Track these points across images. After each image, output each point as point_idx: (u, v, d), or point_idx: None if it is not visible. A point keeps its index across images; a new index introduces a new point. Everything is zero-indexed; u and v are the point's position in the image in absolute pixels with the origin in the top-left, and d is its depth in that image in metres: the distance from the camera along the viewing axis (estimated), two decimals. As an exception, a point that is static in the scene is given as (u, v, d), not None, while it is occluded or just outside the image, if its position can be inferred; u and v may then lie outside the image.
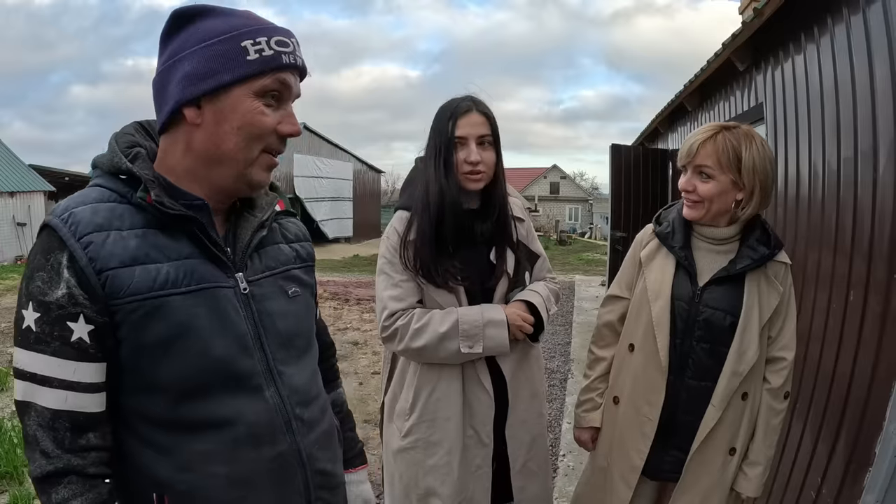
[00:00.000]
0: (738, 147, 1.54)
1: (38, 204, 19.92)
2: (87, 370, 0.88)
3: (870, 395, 1.90)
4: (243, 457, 0.96)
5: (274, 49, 0.93)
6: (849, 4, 2.19)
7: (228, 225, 1.03)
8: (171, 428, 0.93)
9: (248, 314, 0.99)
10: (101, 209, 0.90)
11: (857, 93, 2.12)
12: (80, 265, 0.86)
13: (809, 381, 2.34)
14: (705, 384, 1.62)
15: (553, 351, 6.47)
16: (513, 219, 1.84)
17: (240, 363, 0.96)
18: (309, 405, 1.06)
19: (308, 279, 1.15)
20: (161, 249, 0.92)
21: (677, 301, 1.65)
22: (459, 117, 1.71)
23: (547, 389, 5.08)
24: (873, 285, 1.96)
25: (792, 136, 2.76)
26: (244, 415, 0.96)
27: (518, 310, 1.77)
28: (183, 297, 0.91)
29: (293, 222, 1.19)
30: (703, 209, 1.60)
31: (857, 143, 2.11)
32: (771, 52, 3.09)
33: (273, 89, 0.94)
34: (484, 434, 1.80)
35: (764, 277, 1.62)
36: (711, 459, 1.63)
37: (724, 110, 4.21)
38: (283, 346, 1.04)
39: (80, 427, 0.88)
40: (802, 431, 2.35)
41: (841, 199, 2.23)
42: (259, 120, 0.93)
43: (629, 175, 7.41)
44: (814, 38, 2.52)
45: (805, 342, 2.41)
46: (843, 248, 2.19)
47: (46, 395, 0.87)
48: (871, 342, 1.93)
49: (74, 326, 0.87)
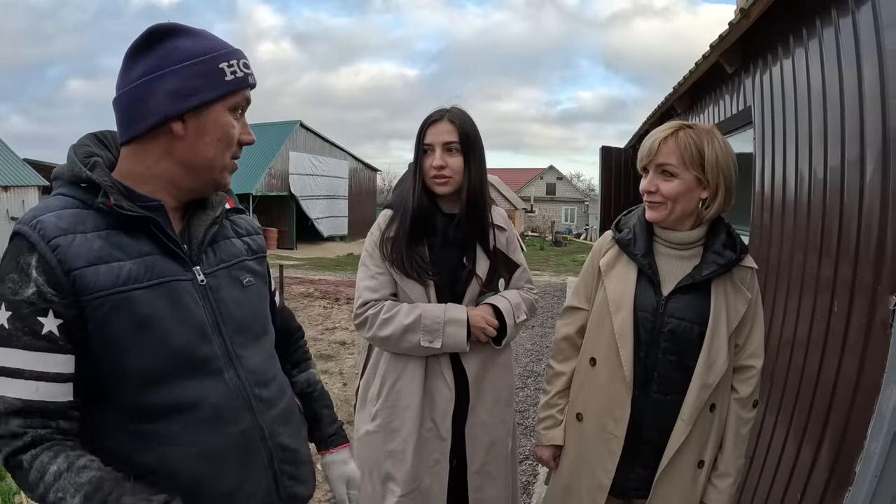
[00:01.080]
0: (699, 143, 1.49)
1: (32, 198, 19.83)
2: (55, 361, 0.94)
3: (853, 405, 1.86)
4: (210, 435, 1.04)
5: (243, 71, 1.08)
6: (837, 6, 2.14)
7: (184, 223, 1.12)
8: (141, 413, 1.00)
9: (206, 304, 1.08)
10: (65, 215, 0.98)
11: (845, 97, 2.08)
12: (50, 266, 0.93)
13: (793, 387, 2.30)
14: (672, 397, 1.56)
15: (541, 353, 6.43)
16: (493, 227, 1.93)
17: (200, 349, 1.04)
18: (267, 385, 1.16)
19: (260, 269, 1.25)
20: (122, 248, 1.00)
21: (640, 312, 1.58)
22: (429, 126, 1.86)
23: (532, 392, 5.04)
24: (859, 291, 1.92)
25: (780, 141, 2.72)
26: (208, 397, 1.04)
27: (483, 312, 1.85)
28: (145, 292, 0.99)
29: (243, 218, 1.29)
30: (667, 210, 1.53)
31: (845, 148, 2.07)
32: (759, 55, 3.05)
33: (240, 107, 1.09)
34: (443, 428, 1.86)
35: (730, 284, 1.56)
36: (681, 474, 1.58)
37: (713, 114, 4.17)
38: (240, 332, 1.12)
39: (49, 414, 0.94)
40: (784, 443, 2.31)
41: (827, 205, 2.19)
42: (231, 132, 1.08)
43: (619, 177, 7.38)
44: (802, 40, 2.48)
45: (790, 347, 2.37)
46: (828, 253, 2.14)
47: (16, 387, 0.93)
48: (855, 349, 1.89)
49: (44, 321, 0.93)
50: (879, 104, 1.84)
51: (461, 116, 1.86)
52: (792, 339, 2.37)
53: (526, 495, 3.28)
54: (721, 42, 3.24)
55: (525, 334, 7.46)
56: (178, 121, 1.02)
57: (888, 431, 1.65)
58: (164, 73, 1.01)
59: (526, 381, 5.39)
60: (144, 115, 1.02)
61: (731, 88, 3.66)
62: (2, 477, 3.39)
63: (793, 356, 2.35)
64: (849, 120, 2.04)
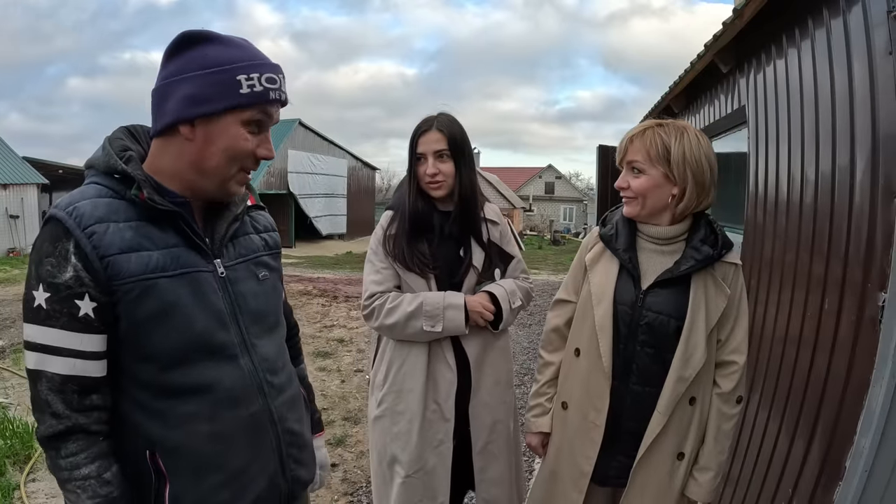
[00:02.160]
0: (667, 140, 1.53)
1: (31, 196, 19.83)
2: (91, 341, 1.03)
3: (843, 400, 1.88)
4: (223, 416, 1.11)
5: (263, 86, 1.08)
6: (829, 5, 2.16)
7: (207, 219, 1.19)
8: (161, 392, 1.07)
9: (225, 294, 1.15)
10: (100, 204, 1.05)
11: (836, 97, 2.09)
12: (85, 252, 1.00)
13: (785, 384, 2.32)
14: (650, 389, 1.59)
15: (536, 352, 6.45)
16: (486, 221, 2.08)
17: (218, 336, 1.12)
18: (277, 373, 1.23)
19: (275, 264, 1.32)
20: (151, 239, 1.07)
21: (620, 305, 1.62)
22: (419, 136, 2.00)
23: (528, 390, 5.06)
24: (849, 289, 1.94)
25: (773, 140, 2.74)
26: (223, 380, 1.11)
27: (480, 299, 1.99)
28: (170, 280, 1.06)
29: (262, 215, 1.35)
30: (638, 205, 1.59)
31: (836, 148, 2.09)
32: (753, 55, 3.06)
33: (257, 121, 1.10)
34: (446, 409, 1.98)
35: (711, 279, 1.59)
36: (658, 465, 1.61)
37: (708, 113, 4.18)
38: (255, 322, 1.20)
39: (86, 389, 1.04)
40: (776, 439, 2.33)
41: (819, 204, 2.21)
42: (241, 145, 1.09)
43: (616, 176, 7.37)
44: (794, 40, 2.49)
45: (782, 344, 2.39)
46: (820, 251, 2.16)
47: (57, 363, 1.01)
48: (846, 345, 1.91)
49: (81, 304, 1.01)
50: (869, 104, 1.86)
51: (449, 124, 2.00)
52: (784, 336, 2.39)
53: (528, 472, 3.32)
54: (715, 42, 3.25)
55: (522, 332, 7.49)
56: (188, 125, 1.07)
57: (877, 427, 1.67)
58: (185, 77, 1.06)
59: (523, 379, 5.41)
60: (163, 115, 1.09)
61: (726, 88, 3.68)
62: (2, 472, 3.47)
63: (784, 353, 2.37)
64: (840, 120, 2.06)
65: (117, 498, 1.05)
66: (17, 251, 18.77)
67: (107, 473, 1.05)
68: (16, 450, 3.74)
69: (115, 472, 1.06)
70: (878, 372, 1.68)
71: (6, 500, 3.19)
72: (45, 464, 3.54)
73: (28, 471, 3.55)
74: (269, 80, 1.09)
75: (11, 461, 3.63)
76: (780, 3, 2.58)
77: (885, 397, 1.64)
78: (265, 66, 1.10)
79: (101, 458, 1.05)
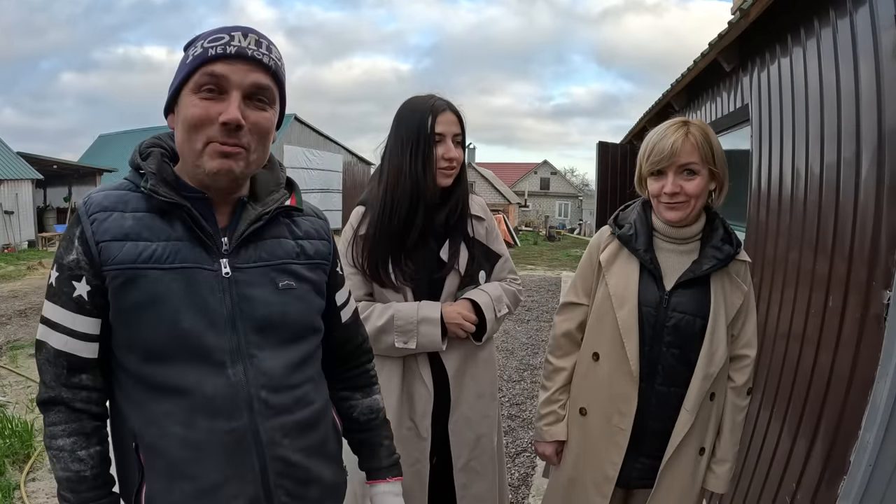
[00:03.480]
0: (709, 138, 1.54)
1: (25, 192, 19.66)
2: (82, 322, 1.05)
3: (847, 397, 1.91)
4: (198, 424, 1.04)
5: (203, 47, 1.03)
6: (835, 6, 2.18)
7: (232, 217, 1.13)
8: (142, 384, 1.05)
9: (226, 296, 1.07)
10: (112, 195, 1.07)
11: (842, 96, 2.11)
12: (86, 237, 1.03)
13: (788, 380, 2.35)
14: (675, 389, 1.60)
15: (536, 347, 6.49)
16: (471, 217, 1.88)
17: (206, 338, 1.05)
18: (279, 391, 1.11)
19: (311, 275, 1.19)
20: (153, 230, 1.05)
21: (644, 307, 1.60)
22: (438, 114, 1.77)
23: (528, 386, 5.09)
24: (853, 287, 1.96)
25: (776, 139, 2.76)
26: (203, 386, 1.04)
27: (461, 308, 1.80)
28: (162, 273, 1.03)
29: (308, 220, 1.24)
30: (690, 208, 1.56)
31: (841, 146, 2.11)
32: (757, 54, 3.08)
33: (204, 83, 1.02)
34: (422, 428, 1.82)
35: (727, 277, 1.61)
36: (684, 463, 1.63)
37: (710, 111, 4.21)
38: (259, 331, 1.10)
39: (74, 367, 1.06)
40: (780, 434, 2.36)
41: (823, 202, 2.23)
42: (190, 112, 1.02)
43: (616, 173, 7.41)
44: (800, 40, 2.51)
45: (785, 341, 2.42)
46: (824, 249, 2.19)
47: (53, 337, 1.06)
48: (850, 343, 1.93)
49: (77, 285, 1.04)
50: (875, 103, 1.88)
51: (459, 109, 1.83)
52: (787, 334, 2.41)
53: (525, 487, 3.33)
54: (720, 41, 3.28)
55: (521, 328, 7.51)
56: (171, 114, 1.10)
57: (881, 422, 1.69)
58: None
59: (522, 375, 5.44)
60: None
61: (729, 86, 3.70)
62: (1, 472, 3.44)
63: (788, 350, 2.40)
64: (845, 119, 2.08)
65: (88, 478, 1.05)
66: (11, 247, 18.56)
67: (81, 452, 1.05)
68: (15, 449, 3.70)
69: (91, 453, 1.06)
70: (883, 368, 1.71)
71: (6, 499, 3.16)
72: (44, 464, 3.55)
73: (28, 470, 3.52)
74: (212, 41, 1.02)
75: (11, 460, 3.60)
76: (786, 3, 2.60)
77: (889, 393, 1.67)
78: (215, 31, 1.05)
79: (77, 434, 1.05)
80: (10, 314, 8.18)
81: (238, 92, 1.03)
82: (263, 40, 1.06)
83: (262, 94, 1.06)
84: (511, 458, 3.65)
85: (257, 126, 1.05)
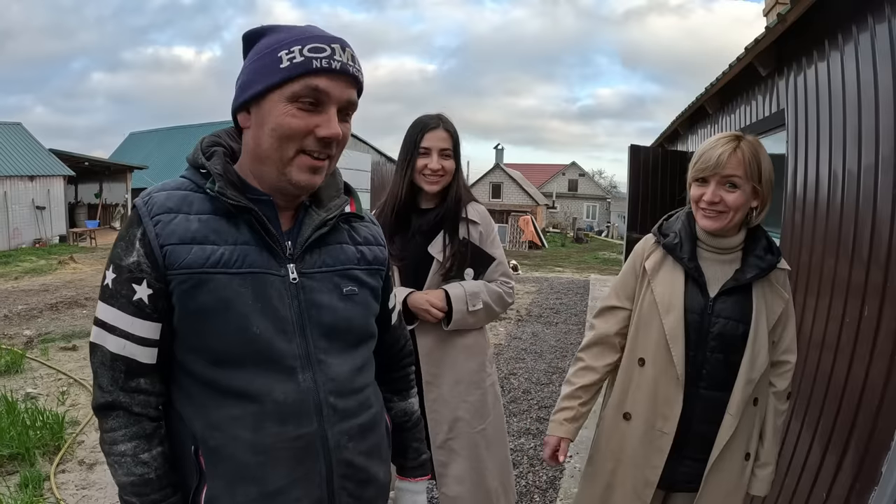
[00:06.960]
0: (758, 156, 1.57)
1: (57, 188, 20.18)
2: (142, 326, 1.02)
3: (880, 409, 1.89)
4: (267, 430, 1.04)
5: (305, 56, 1.00)
6: (874, 13, 2.15)
7: (295, 221, 1.13)
8: (208, 388, 1.04)
9: (294, 302, 1.07)
10: (175, 195, 1.05)
11: (880, 102, 2.09)
12: (149, 239, 1.01)
13: (821, 390, 2.32)
14: (718, 394, 1.63)
15: (564, 350, 6.47)
16: (466, 221, 2.10)
17: (276, 344, 1.04)
18: (345, 396, 1.12)
19: (370, 281, 1.20)
20: (220, 234, 1.04)
21: (690, 313, 1.64)
22: (427, 132, 2.05)
23: (557, 388, 5.08)
24: (889, 297, 1.93)
25: (813, 144, 2.72)
26: (273, 392, 1.04)
27: (431, 297, 2.02)
28: (230, 277, 1.02)
29: (366, 226, 1.25)
30: (727, 219, 1.59)
31: (879, 152, 2.08)
32: (794, 59, 3.05)
33: (302, 94, 1.00)
34: None
35: (768, 285, 1.64)
36: (730, 467, 1.65)
37: (744, 115, 4.16)
38: (326, 337, 1.10)
39: (133, 372, 1.04)
40: (811, 444, 2.33)
41: (860, 209, 2.20)
42: (287, 122, 1.01)
43: (647, 176, 7.32)
44: (838, 45, 2.48)
45: (818, 351, 2.39)
46: (860, 257, 2.16)
47: (110, 341, 1.03)
48: (884, 355, 1.91)
49: (138, 288, 1.02)
50: (915, 110, 1.86)
51: (453, 126, 2.08)
52: (821, 343, 2.39)
53: (552, 490, 3.33)
54: (756, 45, 3.25)
55: (549, 331, 7.50)
56: (245, 113, 1.06)
57: (916, 433, 1.68)
58: (242, 71, 1.07)
59: (551, 378, 5.43)
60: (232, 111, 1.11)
61: (764, 90, 3.66)
62: (32, 463, 3.47)
63: (821, 359, 2.37)
64: (883, 124, 2.06)
65: (153, 480, 1.03)
66: (43, 242, 19.06)
67: (144, 454, 1.03)
68: (46, 441, 3.69)
69: (154, 455, 1.04)
70: (919, 379, 1.69)
71: (36, 490, 3.16)
72: (74, 456, 3.64)
73: (58, 462, 3.53)
74: (312, 50, 1.00)
75: (41, 452, 3.60)
76: (823, 10, 2.57)
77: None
78: (312, 38, 1.01)
79: (139, 438, 1.03)
80: (41, 308, 8.35)
81: (335, 107, 1.04)
82: (355, 53, 1.07)
83: (350, 109, 1.08)
84: (541, 461, 3.65)
85: (344, 139, 1.07)
